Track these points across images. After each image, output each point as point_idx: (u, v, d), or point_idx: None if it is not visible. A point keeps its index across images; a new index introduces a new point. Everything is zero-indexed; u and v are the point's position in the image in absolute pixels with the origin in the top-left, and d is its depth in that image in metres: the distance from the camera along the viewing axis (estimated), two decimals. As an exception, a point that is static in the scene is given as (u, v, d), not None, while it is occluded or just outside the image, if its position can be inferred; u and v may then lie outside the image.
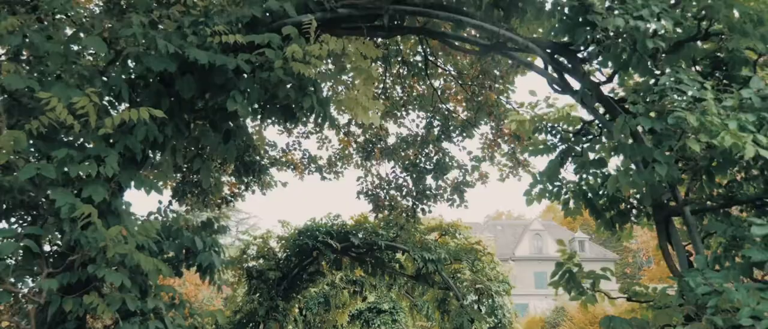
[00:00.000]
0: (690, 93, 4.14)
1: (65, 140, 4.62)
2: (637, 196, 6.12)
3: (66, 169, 4.40)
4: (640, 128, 5.15)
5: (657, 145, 4.48)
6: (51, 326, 4.53)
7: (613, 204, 6.14)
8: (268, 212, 71.20)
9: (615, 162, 6.44)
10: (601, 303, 6.94)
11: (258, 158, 11.91)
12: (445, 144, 11.18)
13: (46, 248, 4.79)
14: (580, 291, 5.88)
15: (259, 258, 13.64)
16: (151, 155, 5.55)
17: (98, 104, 4.21)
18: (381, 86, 11.09)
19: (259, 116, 5.60)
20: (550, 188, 6.41)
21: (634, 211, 6.29)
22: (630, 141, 4.98)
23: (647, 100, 4.58)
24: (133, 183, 4.81)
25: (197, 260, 5.34)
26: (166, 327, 4.69)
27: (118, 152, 4.61)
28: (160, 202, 9.16)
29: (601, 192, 6.23)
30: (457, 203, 11.07)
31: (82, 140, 4.80)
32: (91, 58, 5.25)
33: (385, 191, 11.60)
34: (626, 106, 5.50)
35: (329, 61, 6.75)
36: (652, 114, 4.86)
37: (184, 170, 10.20)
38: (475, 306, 13.26)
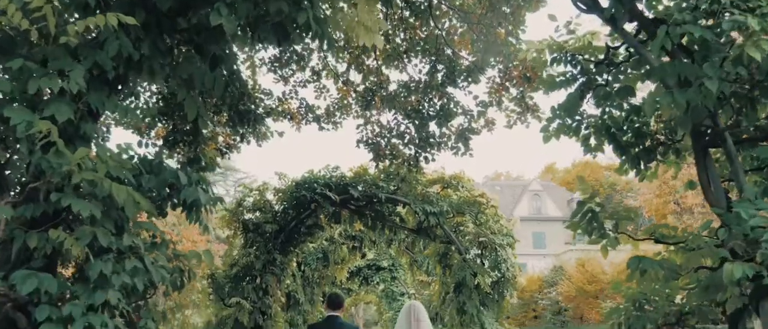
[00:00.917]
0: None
1: (26, 54, 4.02)
2: (666, 129, 5.61)
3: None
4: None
5: (704, 60, 3.90)
6: (15, 264, 4.02)
7: (638, 139, 5.63)
8: (265, 170, 70.72)
9: (640, 96, 5.92)
10: (598, 261, 6.54)
11: (253, 107, 11.35)
12: (449, 89, 10.57)
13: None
14: (601, 233, 5.41)
15: (256, 210, 13.14)
16: (129, 81, 4.97)
17: (57, 6, 3.61)
18: (381, 32, 10.41)
19: (248, 37, 4.99)
20: (569, 123, 5.89)
21: (660, 148, 5.80)
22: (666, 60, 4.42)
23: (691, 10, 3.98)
24: (105, 106, 4.23)
25: (181, 196, 4.79)
26: (146, 268, 4.18)
27: (86, 70, 4.03)
28: (140, 136, 8.58)
29: (625, 127, 5.71)
30: (461, 151, 10.52)
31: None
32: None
33: (386, 139, 11.03)
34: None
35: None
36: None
37: (176, 117, 9.66)
38: (478, 260, 12.84)
